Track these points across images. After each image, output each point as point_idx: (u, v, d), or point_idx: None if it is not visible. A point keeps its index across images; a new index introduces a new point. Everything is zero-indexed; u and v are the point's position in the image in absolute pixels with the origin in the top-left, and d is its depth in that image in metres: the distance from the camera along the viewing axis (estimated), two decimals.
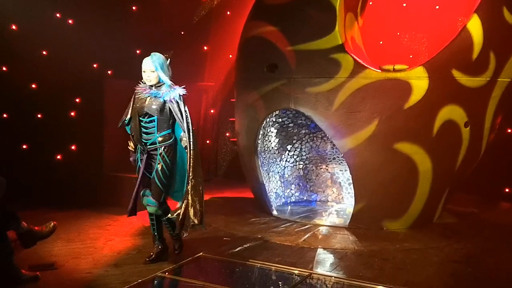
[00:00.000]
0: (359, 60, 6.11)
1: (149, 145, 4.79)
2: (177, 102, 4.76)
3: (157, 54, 4.81)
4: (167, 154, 4.80)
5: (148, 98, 4.73)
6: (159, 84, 4.77)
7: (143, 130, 4.80)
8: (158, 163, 4.77)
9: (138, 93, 4.80)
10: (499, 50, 6.11)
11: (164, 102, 4.73)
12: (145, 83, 4.80)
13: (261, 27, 6.71)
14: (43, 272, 4.64)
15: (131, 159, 5.01)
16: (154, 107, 4.71)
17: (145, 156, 4.79)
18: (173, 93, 4.74)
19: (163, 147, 4.78)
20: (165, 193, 4.88)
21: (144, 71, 4.75)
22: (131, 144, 4.95)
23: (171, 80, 4.83)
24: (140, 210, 5.01)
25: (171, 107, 4.75)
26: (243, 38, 7.13)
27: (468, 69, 6.03)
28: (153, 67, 4.71)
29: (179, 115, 4.72)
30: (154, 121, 4.76)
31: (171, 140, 4.84)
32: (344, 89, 6.09)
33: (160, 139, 4.78)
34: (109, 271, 4.74)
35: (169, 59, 4.92)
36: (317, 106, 6.27)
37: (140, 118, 4.78)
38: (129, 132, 4.96)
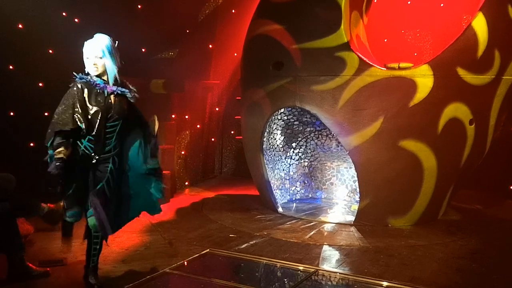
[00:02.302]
0: (364, 58, 6.14)
1: (106, 153, 4.06)
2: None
3: (103, 35, 4.11)
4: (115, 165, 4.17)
5: (112, 96, 3.99)
6: (103, 74, 4.01)
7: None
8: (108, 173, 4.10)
9: (92, 88, 3.94)
10: (504, 48, 6.13)
11: (129, 102, 4.09)
12: (88, 73, 4.00)
13: (267, 26, 6.75)
14: (52, 268, 4.70)
15: (54, 171, 3.88)
16: (123, 108, 4.04)
17: (94, 164, 4.04)
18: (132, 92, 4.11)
19: (115, 156, 4.15)
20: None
21: (87, 58, 3.97)
22: (63, 150, 3.87)
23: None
24: None
25: (134, 109, 4.21)
26: (249, 36, 7.17)
27: (473, 67, 6.05)
28: (99, 52, 3.97)
29: (141, 119, 4.31)
30: (117, 126, 4.07)
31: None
32: (350, 87, 6.12)
33: (117, 146, 4.14)
34: (118, 267, 4.80)
35: (116, 42, 4.23)
36: (322, 104, 6.30)
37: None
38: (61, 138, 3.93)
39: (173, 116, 8.78)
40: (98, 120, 3.91)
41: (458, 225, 6.59)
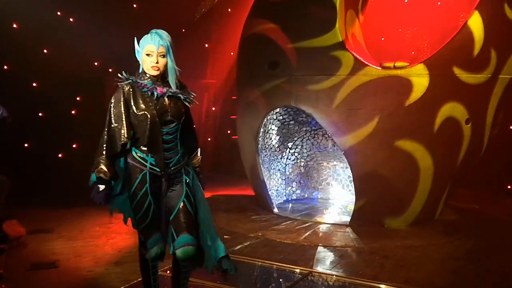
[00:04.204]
0: (360, 58, 6.10)
1: (173, 166, 3.29)
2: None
3: (165, 32, 3.31)
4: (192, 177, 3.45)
5: (166, 99, 3.25)
6: (164, 78, 3.29)
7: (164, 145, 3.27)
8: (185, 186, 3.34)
9: (140, 90, 3.22)
10: (500, 46, 6.09)
11: (185, 105, 3.35)
12: (139, 74, 3.30)
13: (262, 25, 6.71)
14: (45, 270, 4.66)
15: (99, 198, 3.22)
16: (180, 110, 3.30)
17: (164, 183, 3.28)
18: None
19: (189, 167, 3.45)
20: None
21: (148, 55, 3.22)
22: (104, 168, 3.14)
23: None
24: None
25: (189, 117, 3.46)
26: (244, 35, 7.13)
27: (469, 66, 6.01)
28: (164, 49, 3.23)
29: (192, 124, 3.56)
30: (177, 131, 3.32)
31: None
32: (345, 86, 6.09)
33: (184, 156, 3.40)
34: (110, 269, 4.75)
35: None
36: (317, 103, 6.26)
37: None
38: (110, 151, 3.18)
39: None
40: (149, 127, 3.16)
41: (454, 225, 6.56)
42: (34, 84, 7.82)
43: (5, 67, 7.73)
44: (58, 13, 8.24)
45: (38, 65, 7.88)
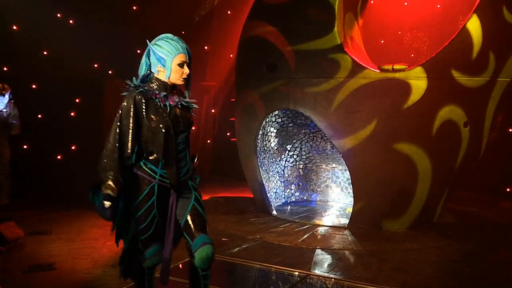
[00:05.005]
0: (358, 60, 6.10)
1: (183, 176, 3.16)
2: None
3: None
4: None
5: (177, 109, 3.09)
6: (174, 86, 3.15)
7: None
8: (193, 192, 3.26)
9: (151, 99, 3.01)
10: (499, 49, 6.09)
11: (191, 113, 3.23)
12: (162, 81, 3.06)
13: (261, 27, 6.71)
14: (42, 272, 4.65)
15: (105, 215, 3.01)
16: (190, 119, 3.19)
17: (173, 194, 3.14)
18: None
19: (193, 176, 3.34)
20: None
21: (179, 64, 3.04)
22: (111, 184, 2.94)
23: None
24: None
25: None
26: (243, 38, 7.13)
27: (468, 69, 6.01)
28: (189, 57, 3.12)
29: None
30: (187, 141, 3.21)
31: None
32: (343, 89, 6.08)
33: (191, 165, 3.29)
34: (108, 271, 4.74)
35: None
36: (316, 106, 6.26)
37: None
38: (116, 163, 2.96)
39: None
40: (164, 139, 3.00)
41: (453, 228, 6.54)
42: (34, 86, 7.82)
43: (5, 68, 7.74)
44: (58, 14, 8.24)
45: (37, 66, 7.89)
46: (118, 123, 2.97)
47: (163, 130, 2.98)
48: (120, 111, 2.98)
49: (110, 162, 2.94)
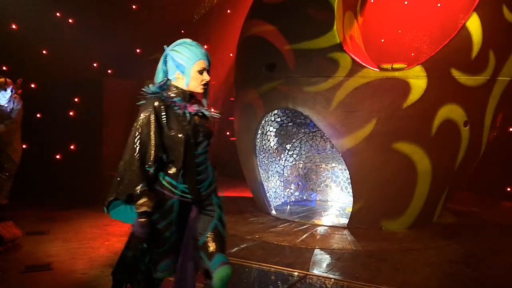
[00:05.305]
0: (357, 59, 6.07)
1: (204, 191, 2.98)
2: None
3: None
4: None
5: (196, 117, 2.93)
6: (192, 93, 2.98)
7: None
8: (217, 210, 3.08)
9: (171, 107, 2.85)
10: (499, 48, 6.05)
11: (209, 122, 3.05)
12: (180, 88, 2.90)
13: (260, 26, 6.68)
14: (39, 273, 4.64)
15: (140, 231, 2.76)
16: (210, 129, 3.02)
17: (194, 209, 2.96)
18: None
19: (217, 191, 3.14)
20: None
21: (199, 71, 2.89)
22: (146, 201, 2.75)
23: None
24: None
25: None
26: (242, 37, 7.11)
27: (467, 68, 5.98)
28: (208, 64, 2.96)
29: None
30: (207, 152, 3.02)
31: None
32: (342, 88, 6.05)
33: (214, 178, 3.10)
34: (105, 271, 4.71)
35: None
36: (315, 105, 6.23)
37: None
38: (142, 177, 2.76)
39: None
40: (184, 150, 2.83)
41: (453, 228, 6.51)
42: (33, 85, 7.81)
43: (4, 67, 7.73)
44: (58, 14, 8.24)
45: (36, 66, 7.88)
46: (138, 132, 2.76)
47: (183, 139, 2.81)
48: (139, 120, 2.78)
49: (136, 176, 2.73)
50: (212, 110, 3.05)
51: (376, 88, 5.98)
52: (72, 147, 7.88)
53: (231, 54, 9.80)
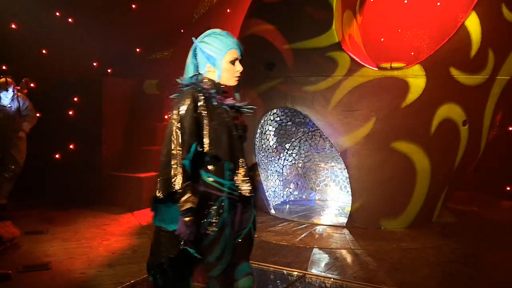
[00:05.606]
0: (356, 58, 6.07)
1: (248, 187, 2.77)
2: None
3: None
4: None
5: (234, 110, 2.78)
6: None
7: None
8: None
9: (210, 100, 2.67)
10: (498, 47, 6.04)
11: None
12: (213, 81, 2.73)
13: (258, 25, 6.68)
14: (37, 272, 4.64)
15: (186, 232, 2.51)
16: (245, 124, 2.87)
17: (240, 207, 2.74)
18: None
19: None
20: None
21: (231, 61, 2.73)
22: (192, 196, 2.51)
23: None
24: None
25: None
26: (241, 36, 7.08)
27: (466, 67, 5.97)
28: (241, 54, 2.78)
29: None
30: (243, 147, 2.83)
31: None
32: (341, 87, 6.05)
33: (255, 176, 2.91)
34: (103, 271, 4.73)
35: None
36: (314, 104, 6.23)
37: None
38: (180, 171, 2.52)
39: (166, 116, 8.71)
40: (229, 143, 2.64)
41: (452, 228, 6.50)
42: (32, 85, 7.79)
43: (4, 67, 7.72)
44: (57, 13, 8.23)
45: (36, 65, 7.87)
46: (178, 125, 2.56)
47: (227, 132, 2.63)
48: (177, 111, 2.58)
49: (177, 171, 2.50)
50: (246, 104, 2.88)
51: (375, 87, 5.97)
52: (71, 146, 7.87)
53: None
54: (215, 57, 2.69)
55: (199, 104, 2.60)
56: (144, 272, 4.53)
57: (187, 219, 2.48)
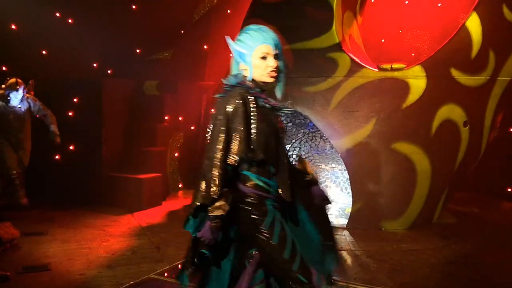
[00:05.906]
0: (356, 59, 6.06)
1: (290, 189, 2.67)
2: None
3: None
4: None
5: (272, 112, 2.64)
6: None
7: None
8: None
9: (257, 101, 2.56)
10: (499, 48, 6.03)
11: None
12: (254, 81, 2.62)
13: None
14: (37, 273, 4.62)
15: (210, 238, 2.39)
16: (283, 126, 2.76)
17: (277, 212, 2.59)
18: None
19: None
20: None
21: (263, 57, 2.61)
22: (223, 205, 2.41)
23: None
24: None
25: None
26: None
27: (467, 67, 5.96)
28: (278, 49, 2.66)
29: None
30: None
31: None
32: (341, 88, 6.04)
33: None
34: (102, 272, 4.71)
35: None
36: (314, 105, 6.21)
37: None
38: (218, 177, 2.41)
39: (166, 117, 8.69)
40: (275, 145, 2.58)
41: (452, 229, 6.48)
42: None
43: (4, 68, 7.71)
44: (57, 14, 8.22)
45: (36, 66, 7.85)
46: (224, 127, 2.45)
47: (274, 134, 2.55)
48: (224, 112, 2.47)
49: (219, 175, 2.39)
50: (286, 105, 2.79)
51: (375, 88, 5.96)
52: (71, 147, 7.86)
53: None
54: (245, 54, 2.60)
55: (248, 105, 2.49)
56: (144, 273, 4.58)
57: (215, 224, 2.37)
